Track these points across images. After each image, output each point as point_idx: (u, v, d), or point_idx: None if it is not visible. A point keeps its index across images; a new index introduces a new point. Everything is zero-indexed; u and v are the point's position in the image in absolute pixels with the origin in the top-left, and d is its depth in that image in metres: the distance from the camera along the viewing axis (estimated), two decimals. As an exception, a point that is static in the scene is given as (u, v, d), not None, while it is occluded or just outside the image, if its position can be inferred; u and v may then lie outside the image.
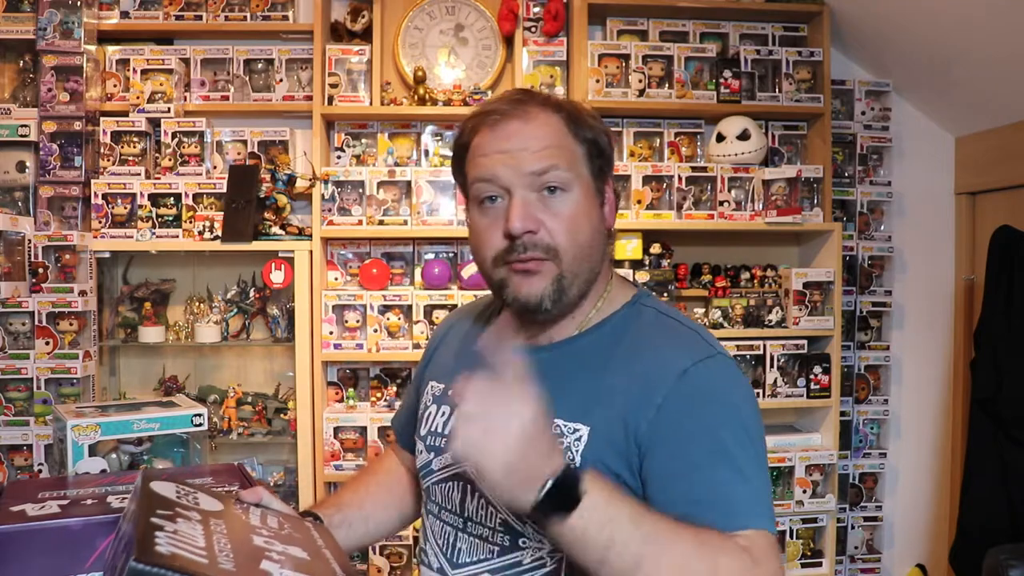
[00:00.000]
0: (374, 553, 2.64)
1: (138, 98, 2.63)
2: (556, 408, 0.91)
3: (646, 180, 2.69)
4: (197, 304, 2.70)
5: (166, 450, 1.41)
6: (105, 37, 2.68)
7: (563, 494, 0.76)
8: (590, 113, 1.03)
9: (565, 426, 0.94)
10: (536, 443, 0.76)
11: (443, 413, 1.08)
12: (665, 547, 0.77)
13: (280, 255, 2.56)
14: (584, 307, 1.03)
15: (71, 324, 2.43)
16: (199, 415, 1.36)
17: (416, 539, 2.62)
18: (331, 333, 2.59)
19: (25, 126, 2.52)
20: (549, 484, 0.75)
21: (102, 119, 2.62)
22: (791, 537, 2.68)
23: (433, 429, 1.09)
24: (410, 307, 2.60)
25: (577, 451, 0.92)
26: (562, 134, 0.98)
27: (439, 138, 2.79)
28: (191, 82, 2.71)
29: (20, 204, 2.57)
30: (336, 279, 2.71)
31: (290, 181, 2.63)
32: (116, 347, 2.69)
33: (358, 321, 2.61)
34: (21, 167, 2.57)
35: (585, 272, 0.99)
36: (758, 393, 2.65)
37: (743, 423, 0.90)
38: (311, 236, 2.59)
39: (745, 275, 2.78)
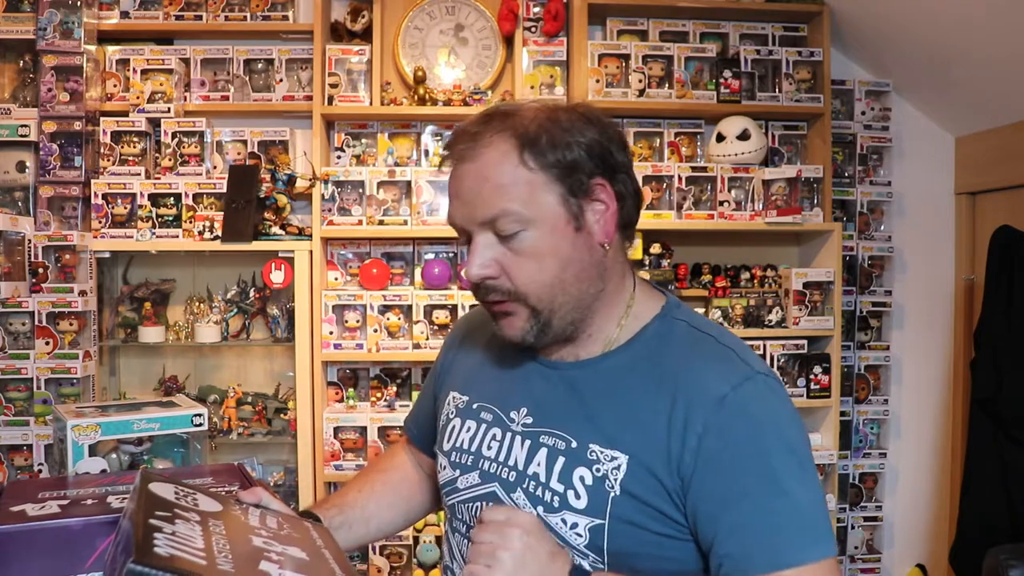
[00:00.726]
0: (374, 553, 2.64)
1: (138, 98, 2.63)
2: (590, 431, 0.92)
3: (646, 180, 2.69)
4: (197, 304, 2.70)
5: (166, 450, 1.41)
6: (105, 37, 2.68)
7: None
8: (564, 125, 0.92)
9: (602, 452, 0.91)
10: (534, 555, 0.83)
11: (468, 428, 1.04)
12: None
13: (280, 255, 2.56)
14: (603, 326, 0.98)
15: (71, 324, 2.43)
16: (199, 415, 1.36)
17: (417, 538, 2.62)
18: (331, 333, 2.59)
19: (25, 126, 2.52)
20: None
21: (102, 119, 2.62)
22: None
23: (458, 445, 1.04)
24: (410, 307, 2.60)
25: (616, 480, 0.89)
26: (513, 165, 0.90)
27: (439, 138, 2.79)
28: (191, 82, 2.71)
29: (20, 204, 2.57)
30: (336, 279, 2.71)
31: (290, 181, 2.63)
32: (116, 347, 2.69)
33: (358, 321, 2.61)
34: (21, 167, 2.57)
35: (568, 302, 0.93)
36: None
37: (789, 446, 0.87)
38: (311, 236, 2.59)
39: (745, 275, 2.78)
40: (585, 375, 0.97)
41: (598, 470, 0.90)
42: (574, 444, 0.92)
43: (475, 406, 1.05)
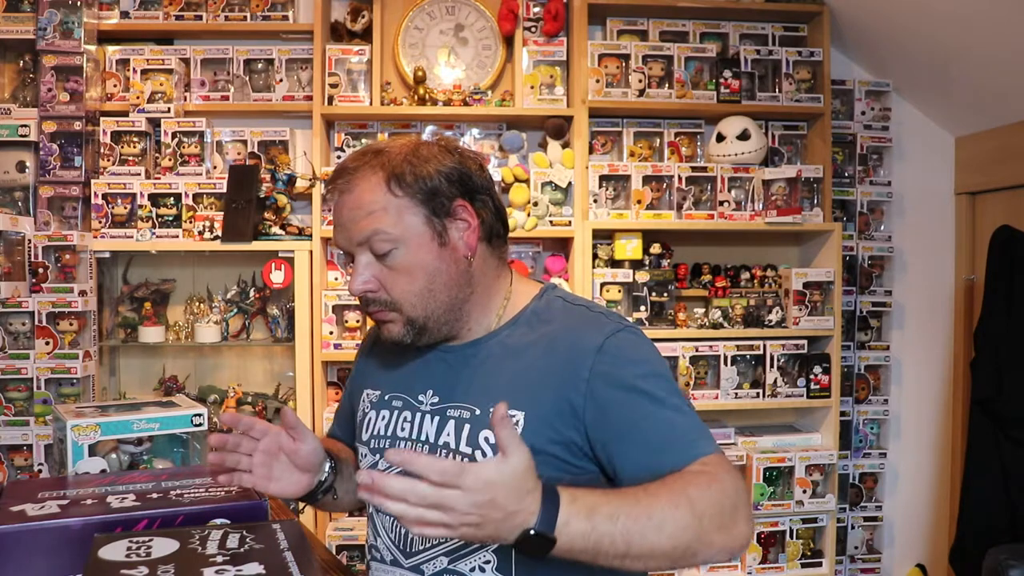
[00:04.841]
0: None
1: (138, 98, 2.63)
2: (489, 398, 1.04)
3: (646, 180, 2.69)
4: (197, 304, 2.70)
5: (166, 450, 1.41)
6: (105, 37, 2.68)
7: (537, 541, 0.83)
8: (425, 156, 1.07)
9: None
10: (494, 510, 0.81)
11: (383, 417, 1.16)
12: (646, 520, 0.86)
13: (280, 255, 2.56)
14: (480, 320, 1.12)
15: (71, 324, 2.42)
16: (199, 415, 1.36)
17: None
18: (331, 333, 2.59)
19: (25, 126, 2.52)
20: (518, 538, 0.83)
21: (102, 119, 2.62)
22: (791, 537, 2.68)
23: (375, 433, 1.15)
24: (410, 307, 2.60)
25: None
26: (382, 193, 1.05)
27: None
28: (191, 82, 2.71)
29: (20, 204, 2.56)
30: (336, 279, 2.70)
31: (290, 181, 2.63)
32: (116, 347, 2.69)
33: (358, 321, 2.61)
34: (21, 167, 2.57)
35: (440, 307, 1.08)
36: (758, 393, 2.66)
37: (661, 375, 1.04)
38: (311, 236, 2.59)
39: (745, 275, 2.78)
40: (480, 352, 1.11)
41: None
42: (477, 412, 1.05)
43: (387, 397, 1.17)
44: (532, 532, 0.82)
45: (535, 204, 2.61)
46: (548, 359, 1.04)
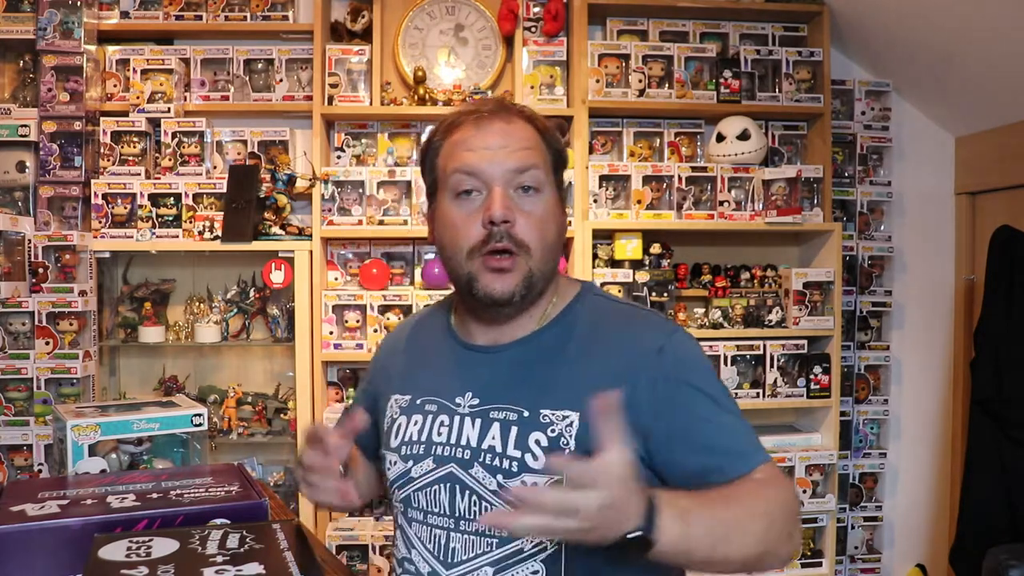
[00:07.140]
0: (374, 553, 2.64)
1: (138, 98, 2.63)
2: (539, 398, 1.01)
3: (646, 180, 2.69)
4: (197, 304, 2.70)
5: (166, 450, 1.41)
6: (105, 37, 2.68)
7: (639, 544, 0.82)
8: (554, 129, 1.12)
9: (554, 414, 1.00)
10: (612, 511, 0.79)
11: (415, 422, 1.10)
12: (732, 528, 0.88)
13: (280, 255, 2.56)
14: (541, 303, 1.09)
15: (71, 324, 2.43)
16: (199, 415, 1.36)
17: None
18: (331, 333, 2.59)
19: (25, 126, 2.52)
20: (625, 539, 0.81)
21: (102, 119, 2.62)
22: (791, 537, 2.68)
23: (407, 439, 1.09)
24: (410, 307, 2.60)
25: (571, 436, 0.98)
26: (537, 139, 1.06)
27: (439, 138, 2.79)
28: (191, 82, 2.71)
29: (20, 204, 2.57)
30: (336, 279, 2.71)
31: (290, 181, 2.63)
32: (116, 347, 2.69)
33: (358, 321, 2.61)
34: (21, 167, 2.57)
35: (549, 270, 1.06)
36: (758, 393, 2.66)
37: (716, 378, 1.05)
38: (311, 236, 2.59)
39: (745, 275, 2.78)
40: (526, 351, 1.07)
41: (553, 431, 0.99)
42: (526, 413, 1.01)
43: (419, 401, 1.11)
44: (637, 535, 0.80)
45: (535, 204, 2.60)
46: (604, 359, 1.02)
